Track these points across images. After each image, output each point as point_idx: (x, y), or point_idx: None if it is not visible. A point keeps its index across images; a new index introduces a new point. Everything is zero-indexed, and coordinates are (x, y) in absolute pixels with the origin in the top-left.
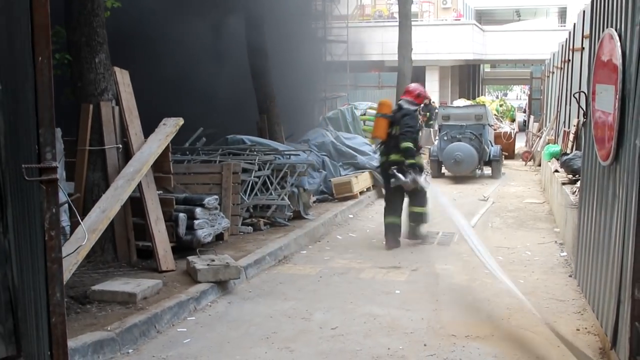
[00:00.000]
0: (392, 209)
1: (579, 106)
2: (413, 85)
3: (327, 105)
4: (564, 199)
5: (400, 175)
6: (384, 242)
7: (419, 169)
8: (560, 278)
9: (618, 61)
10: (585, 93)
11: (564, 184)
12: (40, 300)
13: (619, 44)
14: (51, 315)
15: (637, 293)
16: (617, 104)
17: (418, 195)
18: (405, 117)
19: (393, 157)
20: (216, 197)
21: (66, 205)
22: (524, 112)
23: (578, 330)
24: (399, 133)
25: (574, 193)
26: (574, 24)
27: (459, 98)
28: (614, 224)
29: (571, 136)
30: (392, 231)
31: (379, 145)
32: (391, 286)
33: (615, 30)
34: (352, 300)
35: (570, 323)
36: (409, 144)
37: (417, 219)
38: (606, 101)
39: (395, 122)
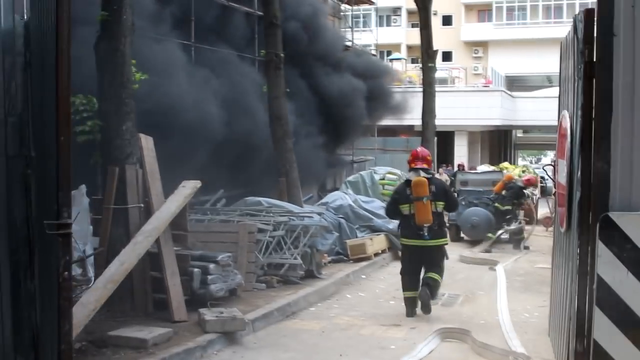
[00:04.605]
0: None
1: (550, 178)
2: None
3: (354, 168)
4: None
5: None
6: None
7: None
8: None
9: (568, 139)
10: (553, 166)
11: None
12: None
13: (569, 123)
14: (60, 342)
15: (578, 347)
16: (567, 178)
17: None
18: None
19: None
20: (229, 254)
21: (92, 257)
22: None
23: None
24: None
25: None
26: None
27: (489, 163)
28: (569, 283)
29: None
30: None
31: None
32: (388, 342)
33: (567, 111)
34: (348, 353)
35: None
36: None
37: None
38: (562, 174)
39: None
